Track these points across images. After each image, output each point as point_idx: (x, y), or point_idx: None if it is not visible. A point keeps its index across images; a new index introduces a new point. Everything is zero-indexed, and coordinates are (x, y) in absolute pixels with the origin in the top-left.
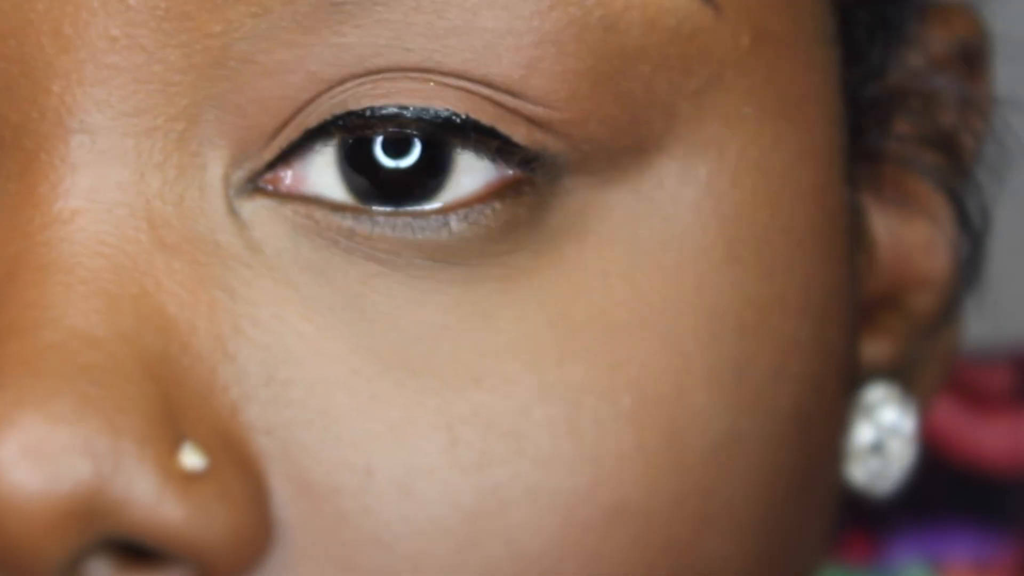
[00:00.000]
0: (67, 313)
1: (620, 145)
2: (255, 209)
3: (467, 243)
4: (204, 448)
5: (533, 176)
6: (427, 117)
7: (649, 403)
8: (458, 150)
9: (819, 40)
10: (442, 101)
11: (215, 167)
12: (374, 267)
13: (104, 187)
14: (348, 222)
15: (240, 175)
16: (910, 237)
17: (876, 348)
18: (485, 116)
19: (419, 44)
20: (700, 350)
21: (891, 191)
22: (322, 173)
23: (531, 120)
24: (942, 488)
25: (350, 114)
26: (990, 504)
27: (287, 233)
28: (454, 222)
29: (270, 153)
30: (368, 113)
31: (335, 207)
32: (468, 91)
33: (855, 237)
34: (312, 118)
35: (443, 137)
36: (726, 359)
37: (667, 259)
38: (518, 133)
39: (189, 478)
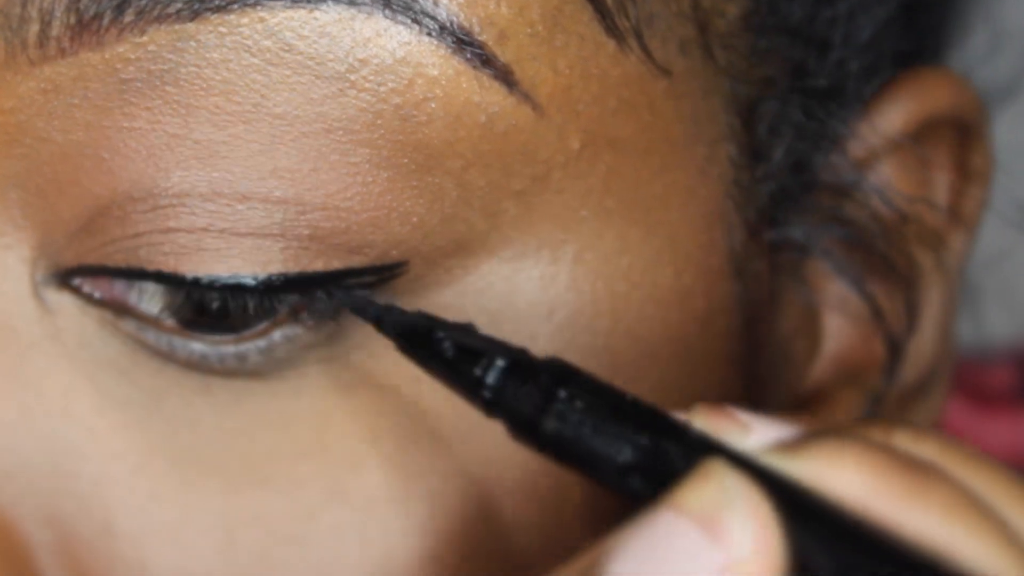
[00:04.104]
0: None
1: (434, 246)
2: (62, 299)
3: (267, 366)
4: None
5: (338, 299)
6: (218, 284)
7: (449, 515)
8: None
9: (696, 141)
10: (234, 263)
11: (21, 248)
12: (177, 373)
13: None
14: (151, 336)
15: (46, 264)
16: (888, 306)
17: None
18: (278, 267)
19: (206, 134)
20: (513, 464)
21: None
22: (132, 285)
23: (328, 248)
24: None
25: (144, 273)
26: None
27: (94, 328)
28: (252, 355)
29: (72, 254)
30: (165, 275)
31: (141, 322)
32: (258, 237)
33: (755, 333)
34: (111, 257)
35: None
36: (545, 473)
37: None
38: (314, 269)
39: None
